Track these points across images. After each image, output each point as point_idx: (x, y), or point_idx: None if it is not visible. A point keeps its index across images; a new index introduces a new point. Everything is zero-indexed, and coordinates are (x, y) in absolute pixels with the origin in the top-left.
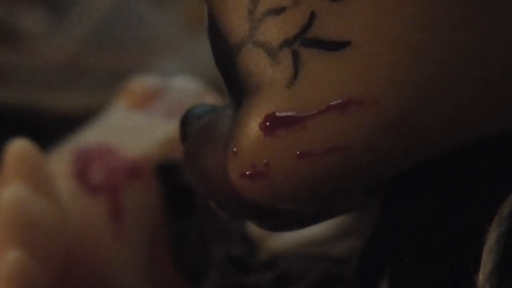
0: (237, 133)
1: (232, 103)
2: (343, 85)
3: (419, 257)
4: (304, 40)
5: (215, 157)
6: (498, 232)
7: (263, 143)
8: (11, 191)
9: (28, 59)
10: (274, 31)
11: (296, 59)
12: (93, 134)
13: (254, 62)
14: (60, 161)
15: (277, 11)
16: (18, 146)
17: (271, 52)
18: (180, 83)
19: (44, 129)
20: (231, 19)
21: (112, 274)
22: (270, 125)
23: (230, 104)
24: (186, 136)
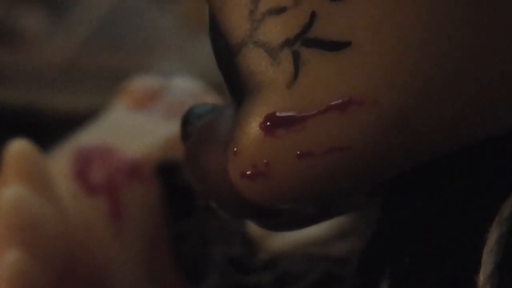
0: (237, 133)
1: (233, 103)
2: (343, 85)
3: (419, 257)
4: (304, 40)
5: (215, 156)
6: (499, 232)
7: (263, 143)
8: (11, 191)
9: (28, 59)
10: (274, 31)
11: (296, 59)
12: (93, 134)
13: (255, 62)
14: (60, 161)
15: (278, 11)
16: (18, 146)
17: (272, 52)
18: (180, 83)
19: (44, 129)
20: (232, 19)
21: (112, 274)
22: (271, 125)
23: (231, 104)
24: (187, 135)
